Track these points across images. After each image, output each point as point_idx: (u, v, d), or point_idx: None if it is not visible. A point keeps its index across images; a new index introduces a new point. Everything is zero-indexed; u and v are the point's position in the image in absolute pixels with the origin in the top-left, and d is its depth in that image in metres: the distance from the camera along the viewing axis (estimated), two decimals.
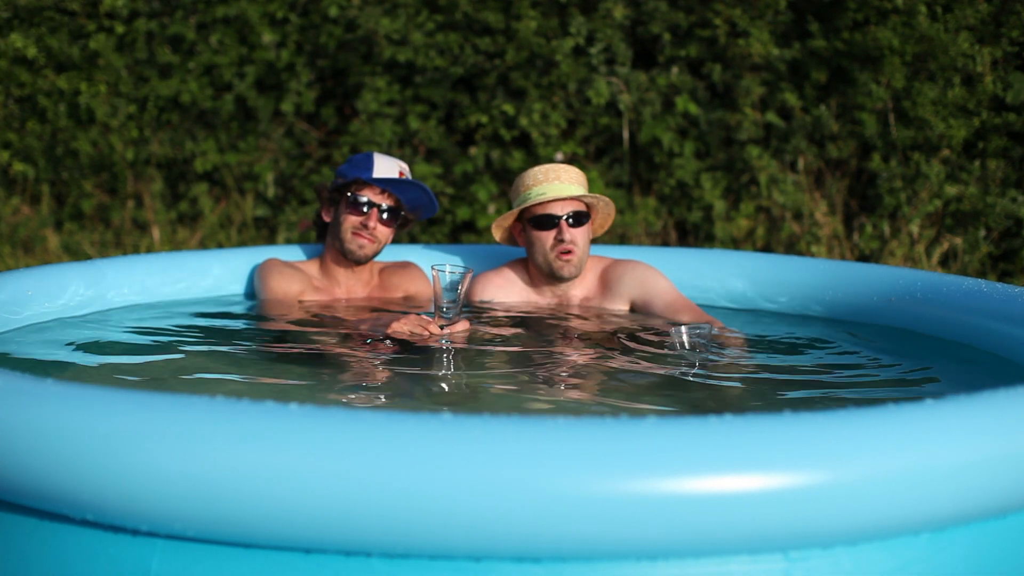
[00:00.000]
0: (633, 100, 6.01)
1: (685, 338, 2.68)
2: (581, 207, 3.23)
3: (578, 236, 3.20)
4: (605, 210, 3.29)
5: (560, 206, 3.19)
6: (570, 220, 3.19)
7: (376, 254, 3.40)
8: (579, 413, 2.31)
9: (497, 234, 3.38)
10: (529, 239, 3.26)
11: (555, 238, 3.19)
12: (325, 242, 3.45)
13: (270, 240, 6.43)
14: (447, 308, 2.78)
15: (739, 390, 2.48)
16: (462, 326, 2.83)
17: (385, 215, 3.33)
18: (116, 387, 1.70)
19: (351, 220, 3.32)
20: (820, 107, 5.79)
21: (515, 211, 3.25)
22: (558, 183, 3.20)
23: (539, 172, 3.24)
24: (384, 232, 3.36)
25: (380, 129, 6.22)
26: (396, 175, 3.32)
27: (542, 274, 3.31)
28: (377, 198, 3.32)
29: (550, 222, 3.19)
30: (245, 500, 1.48)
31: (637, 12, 6.15)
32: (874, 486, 1.50)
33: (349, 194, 3.32)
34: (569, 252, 3.19)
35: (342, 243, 3.35)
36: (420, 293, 3.51)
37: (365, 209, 3.31)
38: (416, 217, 3.48)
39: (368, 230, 3.31)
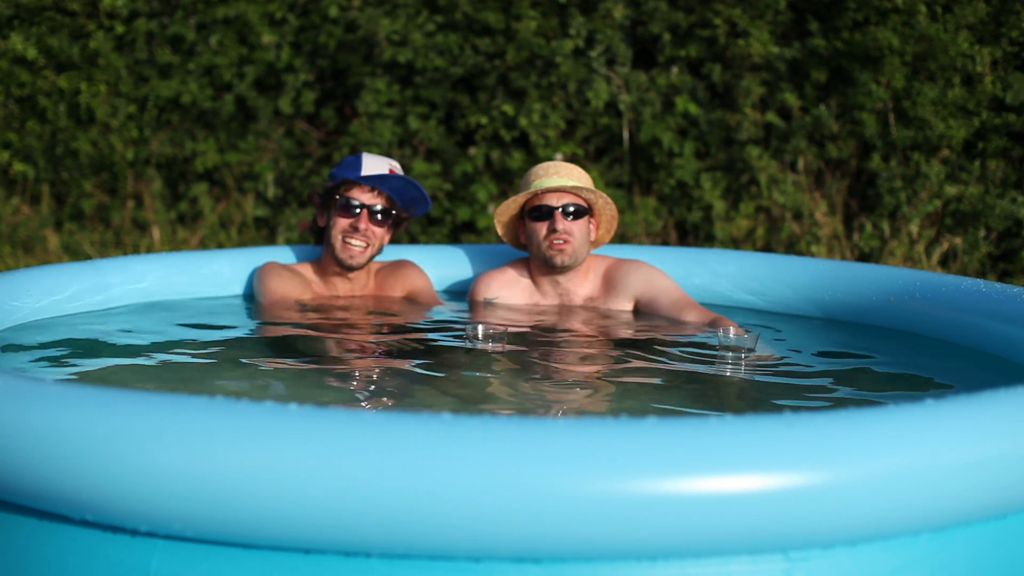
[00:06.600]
0: (633, 100, 6.01)
1: (732, 340, 2.69)
2: (579, 201, 3.24)
3: (573, 228, 3.21)
4: (606, 210, 3.29)
5: (556, 198, 3.21)
6: (565, 212, 3.19)
7: (371, 258, 3.37)
8: (580, 413, 2.31)
9: (499, 228, 3.38)
10: (527, 232, 3.28)
11: (548, 228, 3.20)
12: (323, 245, 3.43)
13: (270, 240, 6.42)
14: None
15: (740, 390, 2.48)
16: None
17: (378, 216, 3.30)
18: (116, 387, 1.70)
19: (342, 223, 3.29)
20: (820, 107, 5.79)
21: (511, 202, 3.26)
22: (557, 177, 3.22)
23: (540, 168, 3.28)
24: (378, 233, 3.33)
25: (380, 129, 6.21)
26: (386, 172, 3.29)
27: (541, 269, 3.31)
28: (367, 198, 3.28)
29: (545, 212, 3.20)
30: (245, 500, 1.48)
31: (637, 12, 6.15)
32: (874, 486, 1.50)
33: (339, 197, 3.29)
34: (561, 241, 3.19)
35: (334, 250, 3.32)
36: (418, 290, 3.49)
37: (356, 211, 3.28)
38: (410, 215, 3.45)
39: (360, 232, 3.28)
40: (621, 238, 5.86)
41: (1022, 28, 5.54)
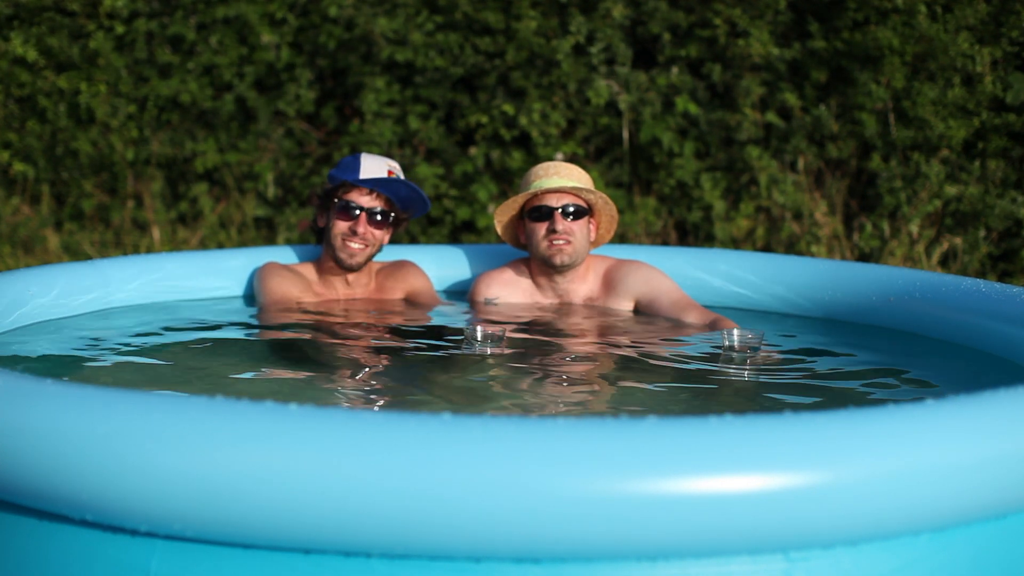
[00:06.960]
0: (633, 100, 6.01)
1: (736, 341, 2.69)
2: (579, 201, 3.24)
3: (573, 228, 3.21)
4: (606, 210, 3.29)
5: (556, 198, 3.21)
6: (565, 212, 3.19)
7: (370, 258, 3.37)
8: (580, 413, 2.31)
9: (499, 228, 3.38)
10: (527, 232, 3.28)
11: (548, 228, 3.20)
12: (323, 246, 3.43)
13: (270, 240, 6.42)
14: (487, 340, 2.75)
15: (740, 390, 2.48)
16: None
17: (377, 218, 3.30)
18: (116, 387, 1.70)
19: (341, 226, 3.28)
20: (820, 107, 5.79)
21: (511, 202, 3.26)
22: (556, 177, 3.22)
23: (540, 168, 3.28)
24: (377, 235, 3.33)
25: (380, 129, 6.21)
26: (384, 174, 3.28)
27: (541, 269, 3.31)
28: (366, 201, 3.27)
29: (545, 213, 3.20)
30: (245, 500, 1.48)
31: (637, 12, 6.15)
32: (874, 486, 1.50)
33: (338, 199, 3.28)
34: (562, 242, 3.19)
35: (334, 250, 3.31)
36: (418, 291, 3.49)
37: (355, 214, 3.27)
38: (409, 215, 3.44)
39: (359, 236, 3.28)
40: (621, 238, 5.86)
41: (1022, 28, 5.54)
